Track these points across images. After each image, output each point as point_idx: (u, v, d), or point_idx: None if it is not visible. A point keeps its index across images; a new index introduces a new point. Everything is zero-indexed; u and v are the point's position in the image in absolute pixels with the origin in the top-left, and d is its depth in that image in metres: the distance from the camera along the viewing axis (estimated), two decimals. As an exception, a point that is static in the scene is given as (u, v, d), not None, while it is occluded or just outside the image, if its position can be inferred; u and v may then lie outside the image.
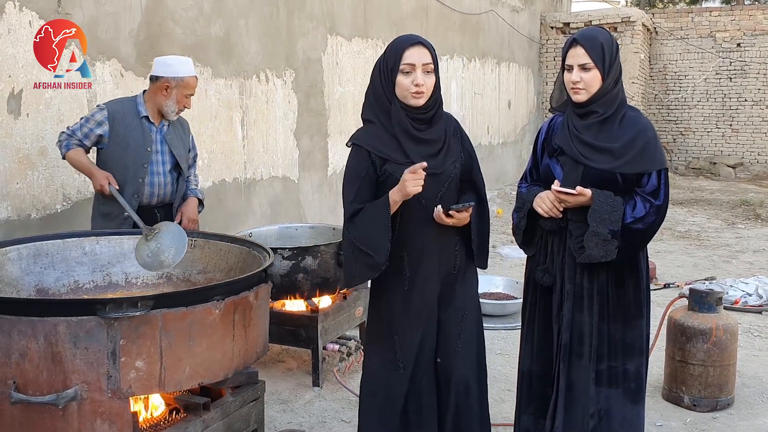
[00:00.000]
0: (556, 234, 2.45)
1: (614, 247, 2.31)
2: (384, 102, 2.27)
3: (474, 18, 9.40)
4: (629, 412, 2.46)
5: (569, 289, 2.42)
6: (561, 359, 2.44)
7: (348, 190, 2.29)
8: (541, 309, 2.52)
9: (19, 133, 3.53)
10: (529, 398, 2.57)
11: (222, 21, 4.91)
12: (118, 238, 2.95)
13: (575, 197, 2.32)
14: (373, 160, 2.27)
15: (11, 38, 3.48)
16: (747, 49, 13.22)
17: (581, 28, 2.52)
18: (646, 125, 2.40)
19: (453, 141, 2.36)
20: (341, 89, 6.46)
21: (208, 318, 2.20)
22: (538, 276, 2.49)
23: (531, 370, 2.56)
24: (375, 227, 2.22)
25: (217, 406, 2.42)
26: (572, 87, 2.35)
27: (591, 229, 2.30)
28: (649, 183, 2.37)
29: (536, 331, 2.54)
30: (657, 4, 22.00)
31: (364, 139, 2.30)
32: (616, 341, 2.43)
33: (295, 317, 3.66)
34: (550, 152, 2.48)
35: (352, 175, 2.30)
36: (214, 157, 4.91)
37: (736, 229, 8.35)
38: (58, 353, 2.00)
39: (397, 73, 2.23)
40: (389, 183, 2.24)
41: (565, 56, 2.39)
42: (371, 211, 2.23)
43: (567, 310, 2.43)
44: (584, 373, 2.42)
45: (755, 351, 4.20)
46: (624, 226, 2.31)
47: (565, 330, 2.43)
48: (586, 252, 2.33)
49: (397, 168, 2.24)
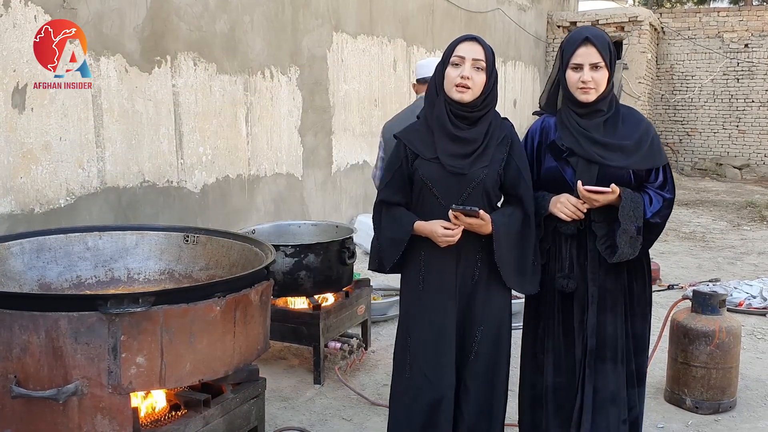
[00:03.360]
0: (574, 238, 2.39)
1: (639, 243, 2.31)
2: (432, 95, 2.29)
3: (480, 16, 9.38)
4: (642, 410, 2.50)
5: (593, 292, 2.37)
6: (587, 365, 2.39)
7: (383, 178, 2.42)
8: (561, 317, 2.45)
9: (24, 128, 3.54)
10: (556, 411, 2.49)
11: (227, 17, 4.91)
12: (120, 233, 2.95)
13: (605, 195, 2.26)
14: (407, 154, 2.30)
15: (16, 33, 3.49)
16: (755, 49, 13.16)
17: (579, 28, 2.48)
18: (647, 122, 2.41)
19: (495, 147, 2.27)
20: (346, 86, 6.45)
21: (210, 315, 2.19)
22: (561, 283, 2.40)
23: (555, 382, 2.48)
24: (390, 242, 2.33)
25: (218, 402, 2.42)
26: (582, 87, 2.29)
27: (622, 227, 2.27)
28: (657, 179, 2.38)
29: (557, 342, 2.46)
30: (665, 4, 21.91)
31: (403, 132, 2.35)
32: (637, 339, 2.44)
33: (297, 315, 3.65)
34: (556, 154, 2.40)
35: (387, 165, 2.41)
36: (218, 153, 4.91)
37: (742, 230, 8.32)
38: (60, 348, 2.00)
39: (448, 65, 2.22)
40: (415, 178, 2.29)
41: (570, 55, 2.31)
42: (394, 223, 2.33)
43: (592, 314, 2.38)
44: (608, 377, 2.39)
45: (758, 353, 4.18)
46: (645, 221, 2.31)
47: (591, 335, 2.38)
48: (618, 251, 2.29)
49: (422, 164, 2.26)
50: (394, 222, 2.32)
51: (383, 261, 2.37)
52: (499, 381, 2.38)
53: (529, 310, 2.57)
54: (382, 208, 2.36)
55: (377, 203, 2.38)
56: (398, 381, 2.38)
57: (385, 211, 2.35)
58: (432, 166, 2.25)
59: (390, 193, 2.34)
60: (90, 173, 3.92)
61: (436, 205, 2.26)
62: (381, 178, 2.42)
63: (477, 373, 2.33)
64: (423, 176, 2.26)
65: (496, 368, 2.36)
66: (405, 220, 2.29)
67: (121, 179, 4.14)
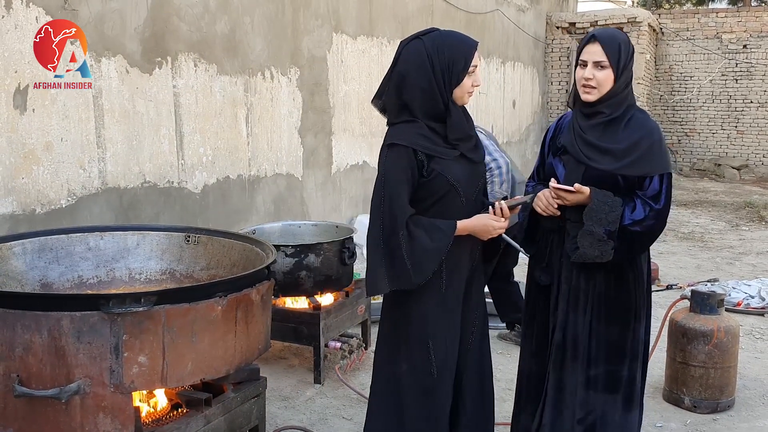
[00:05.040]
0: (556, 233, 2.44)
1: (610, 248, 2.28)
2: (438, 101, 2.15)
3: (479, 17, 9.39)
4: (622, 419, 2.44)
5: (564, 289, 2.42)
6: (552, 360, 2.43)
7: (395, 191, 2.13)
8: (540, 308, 2.52)
9: (25, 129, 3.55)
10: (528, 397, 2.57)
11: (227, 18, 4.92)
12: (122, 233, 2.96)
13: (573, 195, 2.29)
14: (420, 159, 2.15)
15: (18, 34, 3.50)
16: (753, 50, 13.18)
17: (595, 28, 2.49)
18: (652, 128, 2.35)
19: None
20: (346, 87, 6.47)
21: (211, 314, 2.21)
22: (536, 275, 2.49)
23: (530, 369, 2.56)
24: (432, 253, 2.14)
25: (219, 402, 2.44)
26: (583, 84, 2.30)
27: (585, 227, 2.28)
28: (650, 186, 2.33)
29: (535, 330, 2.54)
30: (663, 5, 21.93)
31: (406, 137, 2.16)
32: (612, 345, 2.40)
33: (297, 314, 3.67)
34: (554, 151, 2.47)
35: (398, 176, 2.14)
36: (218, 154, 4.92)
37: (740, 231, 8.33)
38: (62, 347, 2.01)
39: (465, 75, 2.16)
40: (437, 182, 2.16)
41: (579, 52, 2.34)
42: (433, 233, 2.14)
43: (561, 311, 2.42)
44: (569, 375, 2.41)
45: (756, 353, 4.19)
46: (621, 227, 2.27)
47: (558, 330, 2.42)
48: (579, 250, 2.31)
49: (445, 166, 2.17)
50: (431, 231, 2.14)
51: (416, 275, 2.13)
52: (486, 363, 2.43)
53: (527, 301, 2.63)
54: (408, 224, 2.12)
55: (405, 221, 2.12)
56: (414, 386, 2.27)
57: (413, 225, 2.13)
58: (456, 166, 2.19)
59: (407, 208, 2.15)
60: (91, 174, 3.94)
61: (458, 204, 2.22)
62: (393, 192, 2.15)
63: (473, 359, 2.36)
64: (450, 178, 2.17)
65: (483, 349, 2.41)
66: (443, 226, 2.17)
67: (122, 180, 4.15)
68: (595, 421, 2.42)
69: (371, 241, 2.17)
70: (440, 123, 2.18)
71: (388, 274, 2.15)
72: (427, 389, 2.25)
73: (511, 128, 10.88)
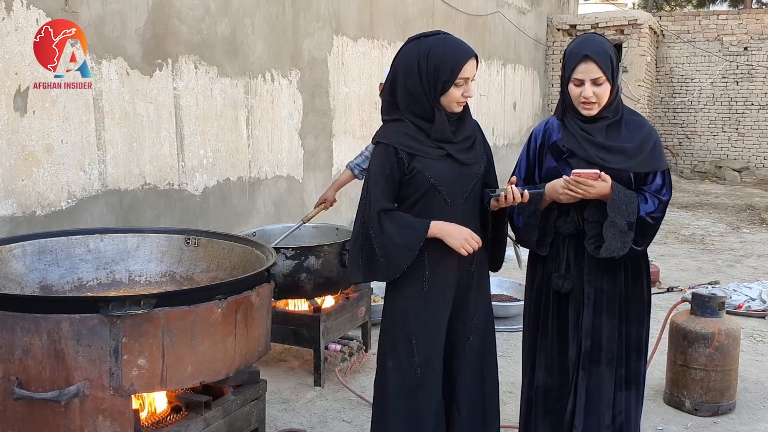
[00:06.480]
0: (573, 238, 2.41)
1: (630, 240, 2.31)
2: (425, 105, 2.19)
3: (480, 19, 9.40)
4: (636, 413, 2.48)
5: (590, 293, 2.39)
6: (581, 367, 2.40)
7: (374, 186, 2.23)
8: (556, 318, 2.47)
9: (25, 131, 3.55)
10: (545, 412, 2.51)
11: (228, 20, 4.93)
12: (122, 235, 2.96)
13: (596, 183, 2.25)
14: (400, 157, 2.20)
15: (18, 36, 3.50)
16: (754, 52, 13.18)
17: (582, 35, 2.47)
18: (650, 127, 2.43)
19: (478, 142, 2.36)
20: (346, 89, 6.47)
21: (211, 317, 2.20)
22: (557, 283, 2.43)
23: (546, 383, 2.50)
24: (401, 248, 2.20)
25: (219, 404, 2.43)
26: (583, 102, 2.31)
27: (610, 218, 2.28)
28: (653, 182, 2.39)
29: (551, 342, 2.48)
30: (664, 7, 21.95)
31: (389, 136, 2.23)
32: (632, 342, 2.44)
33: (297, 317, 3.66)
34: (556, 155, 2.43)
35: (376, 173, 2.24)
36: (218, 156, 4.92)
37: (741, 233, 8.33)
38: (61, 350, 2.01)
39: (452, 86, 2.17)
40: (417, 180, 2.21)
41: (571, 70, 2.31)
42: (405, 228, 2.20)
43: (588, 316, 2.39)
44: (601, 380, 2.40)
45: (757, 356, 4.18)
46: (638, 218, 2.32)
47: (586, 337, 2.39)
48: (605, 244, 2.30)
49: (427, 165, 2.20)
50: (404, 227, 2.20)
51: (389, 269, 2.22)
52: (489, 371, 2.42)
53: (528, 310, 2.59)
54: (381, 216, 2.21)
55: (376, 212, 2.21)
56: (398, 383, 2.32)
57: (387, 218, 2.21)
58: (440, 165, 2.21)
59: (385, 200, 2.23)
60: (91, 176, 3.94)
61: (443, 205, 2.24)
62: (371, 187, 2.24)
63: (469, 364, 2.37)
64: (430, 176, 2.20)
65: (485, 357, 2.41)
66: (417, 223, 2.21)
67: (122, 182, 4.15)
68: (622, 420, 2.45)
69: (353, 233, 2.29)
70: (429, 122, 2.22)
71: (362, 264, 2.25)
72: (410, 387, 2.30)
73: (512, 130, 10.88)
